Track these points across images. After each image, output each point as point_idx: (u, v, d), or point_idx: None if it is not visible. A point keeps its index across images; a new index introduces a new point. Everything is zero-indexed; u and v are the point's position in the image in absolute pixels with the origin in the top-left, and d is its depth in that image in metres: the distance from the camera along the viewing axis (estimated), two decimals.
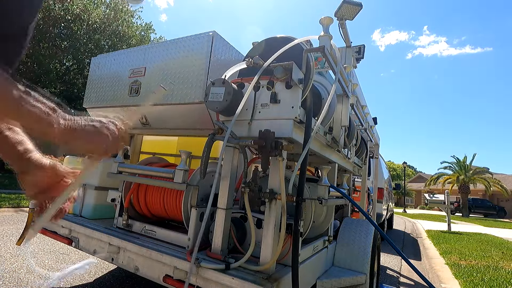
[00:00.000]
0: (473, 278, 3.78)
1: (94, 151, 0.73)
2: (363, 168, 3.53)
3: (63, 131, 0.66)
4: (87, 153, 0.74)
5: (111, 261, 1.74)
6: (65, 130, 0.66)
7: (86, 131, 0.70)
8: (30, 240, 0.78)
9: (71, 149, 0.70)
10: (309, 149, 1.36)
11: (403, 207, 25.72)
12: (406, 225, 11.74)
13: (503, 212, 26.95)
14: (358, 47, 2.60)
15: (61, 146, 0.86)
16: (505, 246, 6.75)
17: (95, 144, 0.72)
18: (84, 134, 0.69)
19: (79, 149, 0.70)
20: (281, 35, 1.65)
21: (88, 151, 0.73)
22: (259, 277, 1.27)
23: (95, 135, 0.71)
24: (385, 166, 8.78)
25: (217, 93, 1.42)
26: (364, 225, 2.33)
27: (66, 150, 0.88)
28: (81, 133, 0.69)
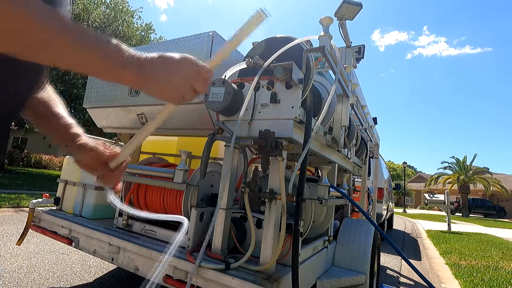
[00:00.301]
0: (473, 278, 3.78)
1: (174, 96, 0.63)
2: (363, 168, 3.53)
3: (137, 72, 0.56)
4: (165, 100, 0.64)
5: (111, 261, 1.74)
6: (139, 71, 0.56)
7: (165, 69, 0.59)
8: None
9: (146, 93, 0.61)
10: (309, 149, 1.36)
11: (403, 207, 25.72)
12: (406, 225, 11.74)
13: (503, 212, 26.95)
14: (358, 47, 2.60)
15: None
16: (505, 246, 6.75)
17: (176, 87, 0.61)
18: (163, 75, 0.59)
19: (155, 95, 0.61)
20: (281, 35, 1.65)
21: (167, 97, 0.63)
22: (259, 277, 1.27)
23: (175, 76, 0.60)
24: (385, 166, 8.78)
25: (217, 93, 1.42)
26: (364, 225, 2.33)
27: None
28: (160, 73, 0.59)
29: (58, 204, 2.39)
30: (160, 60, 0.59)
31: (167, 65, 0.59)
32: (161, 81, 0.59)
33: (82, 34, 0.49)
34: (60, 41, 0.47)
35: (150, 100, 2.02)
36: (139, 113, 2.17)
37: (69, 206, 2.33)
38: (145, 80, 0.58)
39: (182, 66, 0.61)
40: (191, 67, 0.62)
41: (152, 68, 0.58)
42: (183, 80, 0.61)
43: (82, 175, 2.33)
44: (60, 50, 0.47)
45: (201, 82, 0.64)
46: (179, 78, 0.61)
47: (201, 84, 0.64)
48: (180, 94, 0.62)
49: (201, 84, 0.64)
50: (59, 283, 2.51)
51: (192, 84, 0.62)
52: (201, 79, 0.63)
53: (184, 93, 0.62)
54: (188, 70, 0.62)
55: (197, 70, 0.62)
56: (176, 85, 0.61)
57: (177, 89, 0.61)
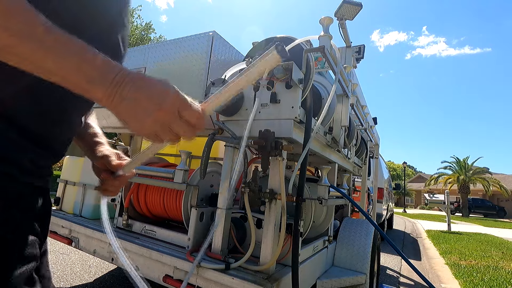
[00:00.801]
0: (473, 278, 3.78)
1: (150, 135, 0.51)
2: (363, 168, 3.53)
3: (107, 92, 0.46)
4: (134, 131, 0.52)
5: (111, 261, 1.74)
6: (111, 91, 0.46)
7: (141, 95, 0.48)
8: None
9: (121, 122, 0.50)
10: (309, 149, 1.36)
11: (403, 207, 25.72)
12: (406, 225, 11.74)
13: (503, 212, 26.94)
14: (358, 47, 2.60)
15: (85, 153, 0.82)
16: (505, 246, 6.75)
17: (155, 124, 0.49)
18: (137, 101, 0.48)
19: (125, 123, 0.50)
20: (281, 35, 1.65)
21: (144, 134, 0.51)
22: (259, 277, 1.27)
23: (150, 107, 0.48)
24: (385, 166, 8.78)
25: None
26: (364, 225, 2.33)
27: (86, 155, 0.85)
28: (133, 97, 0.47)
29: (58, 204, 2.39)
30: (140, 82, 0.48)
31: (146, 91, 0.48)
32: (132, 108, 0.48)
33: (54, 41, 0.42)
34: (25, 46, 0.40)
35: None
36: None
37: (69, 206, 2.33)
38: (117, 102, 0.47)
39: (162, 97, 0.48)
40: (173, 101, 0.49)
41: (127, 90, 0.47)
42: (160, 114, 0.48)
43: (82, 175, 2.33)
44: (25, 54, 0.41)
45: (184, 125, 0.50)
46: (154, 110, 0.48)
47: (183, 127, 0.50)
48: (152, 131, 0.50)
49: (182, 127, 0.50)
50: (59, 283, 2.51)
51: (169, 124, 0.49)
52: (184, 121, 0.50)
53: (159, 131, 0.50)
54: (169, 105, 0.48)
55: (182, 108, 0.50)
56: (149, 118, 0.48)
57: (149, 123, 0.49)
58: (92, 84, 0.45)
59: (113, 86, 0.46)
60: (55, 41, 0.42)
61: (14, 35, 0.40)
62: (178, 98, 0.50)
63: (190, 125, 0.51)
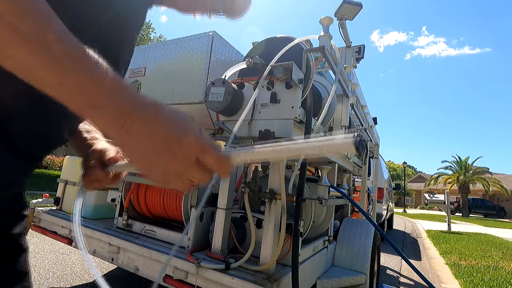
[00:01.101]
0: (473, 278, 3.78)
1: (159, 182, 0.43)
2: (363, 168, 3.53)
3: (117, 121, 0.38)
4: (143, 173, 0.44)
5: (111, 261, 1.74)
6: (120, 120, 0.38)
7: (159, 129, 0.40)
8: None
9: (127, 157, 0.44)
10: None
11: (403, 207, 25.72)
12: (406, 225, 11.74)
13: (503, 212, 26.95)
14: (358, 47, 2.60)
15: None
16: (505, 246, 6.75)
17: (164, 165, 0.41)
18: (152, 136, 0.40)
19: (132, 162, 0.44)
20: (281, 35, 1.65)
21: (152, 179, 0.43)
22: (259, 277, 1.27)
23: (170, 151, 0.40)
24: (385, 166, 8.78)
25: (217, 93, 1.42)
26: (364, 225, 2.33)
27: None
28: (148, 132, 0.39)
29: (58, 204, 2.39)
30: (154, 117, 0.40)
31: (160, 130, 0.40)
32: (140, 148, 0.40)
33: (61, 51, 0.35)
34: (26, 51, 0.33)
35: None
36: None
37: (69, 206, 2.33)
38: (121, 136, 0.40)
39: (179, 142, 0.40)
40: (191, 148, 0.41)
41: (137, 125, 0.39)
42: (173, 164, 0.41)
43: None
44: (24, 61, 0.34)
45: (201, 171, 0.42)
46: (167, 159, 0.41)
47: (200, 173, 0.43)
48: (162, 179, 0.43)
49: (199, 173, 0.43)
50: (59, 283, 2.51)
51: (184, 172, 0.42)
52: (202, 166, 0.42)
53: (171, 179, 0.43)
54: (186, 153, 0.41)
55: (202, 154, 0.42)
56: (160, 165, 0.41)
57: (159, 171, 0.42)
58: (94, 109, 0.38)
59: (118, 117, 0.38)
60: (63, 50, 0.35)
61: (20, 37, 0.33)
62: (198, 143, 0.41)
63: (209, 171, 0.43)
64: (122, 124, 0.39)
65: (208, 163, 0.42)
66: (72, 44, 0.37)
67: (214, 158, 0.42)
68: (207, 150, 0.42)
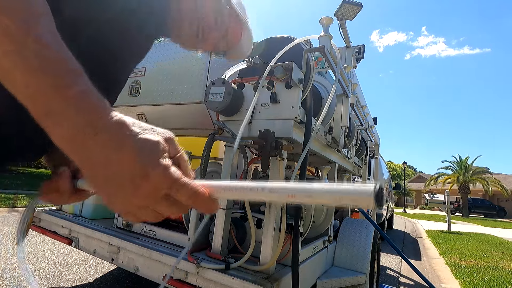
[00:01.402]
0: (473, 278, 3.78)
1: (115, 207, 0.37)
2: (363, 168, 3.53)
3: (72, 134, 0.33)
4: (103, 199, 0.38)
5: (111, 261, 1.74)
6: (77, 135, 0.33)
7: (115, 149, 0.34)
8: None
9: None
10: (309, 149, 1.36)
11: (403, 207, 25.71)
12: (406, 225, 11.74)
13: (503, 212, 26.95)
14: (358, 47, 2.60)
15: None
16: (505, 246, 6.75)
17: (129, 196, 0.35)
18: (111, 156, 0.34)
19: (91, 185, 0.38)
20: (281, 35, 1.65)
21: (104, 197, 0.37)
22: (259, 277, 1.27)
23: (134, 180, 0.34)
24: (385, 166, 8.78)
25: (217, 93, 1.42)
26: (364, 225, 2.33)
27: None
28: (105, 152, 0.34)
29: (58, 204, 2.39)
30: (118, 137, 0.34)
31: (124, 154, 0.34)
32: (98, 174, 0.35)
33: (36, 51, 0.32)
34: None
35: (150, 100, 2.02)
36: (139, 113, 2.17)
37: (69, 206, 2.33)
38: (83, 157, 0.34)
39: (144, 175, 0.34)
40: (158, 184, 0.35)
41: (97, 146, 0.33)
42: (135, 200, 0.35)
43: None
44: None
45: (171, 206, 0.37)
46: (128, 192, 0.35)
47: (170, 208, 0.37)
48: (123, 210, 0.37)
49: (169, 208, 0.37)
50: (59, 283, 2.51)
51: (149, 206, 0.36)
52: (172, 201, 0.36)
53: (134, 212, 0.37)
54: (150, 189, 0.35)
55: (172, 190, 0.35)
56: (120, 198, 0.35)
57: (119, 203, 0.36)
58: (49, 119, 0.33)
59: (76, 135, 0.33)
60: (38, 51, 0.32)
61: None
62: (166, 178, 0.35)
63: (181, 206, 0.37)
64: (79, 143, 0.33)
65: (180, 199, 0.36)
66: (54, 46, 0.34)
67: (188, 194, 0.36)
68: (179, 185, 0.35)
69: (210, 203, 0.37)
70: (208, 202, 0.37)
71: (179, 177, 0.36)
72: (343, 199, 0.33)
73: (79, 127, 0.33)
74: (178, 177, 0.36)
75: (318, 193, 0.34)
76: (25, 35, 0.32)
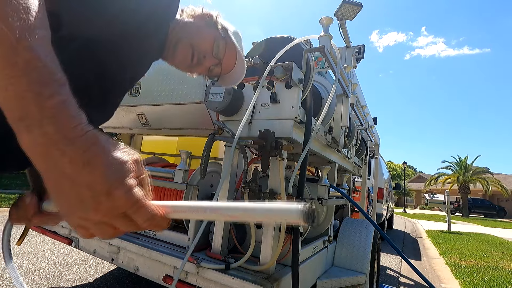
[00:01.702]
0: (473, 278, 3.78)
1: (70, 221, 0.37)
2: (363, 168, 3.53)
3: (43, 142, 0.33)
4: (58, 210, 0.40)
5: (111, 261, 1.74)
6: (49, 143, 0.33)
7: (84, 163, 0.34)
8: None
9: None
10: (309, 149, 1.36)
11: (403, 207, 25.72)
12: (406, 225, 11.74)
13: (503, 212, 26.94)
14: (358, 47, 2.60)
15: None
16: (505, 246, 6.76)
17: (84, 206, 0.35)
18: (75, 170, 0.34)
19: (52, 197, 0.36)
20: (281, 35, 1.65)
21: (62, 210, 0.36)
22: (259, 277, 1.26)
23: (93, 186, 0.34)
24: (385, 166, 8.78)
25: (217, 93, 1.42)
26: (364, 225, 2.33)
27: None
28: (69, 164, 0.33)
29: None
30: (98, 157, 0.35)
31: (99, 170, 0.34)
32: (68, 185, 0.34)
33: (23, 50, 0.32)
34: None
35: (150, 100, 2.02)
36: (139, 113, 2.17)
37: None
38: (50, 167, 0.34)
39: (105, 193, 0.34)
40: (117, 205, 0.35)
41: (70, 160, 0.33)
42: (92, 217, 0.35)
43: None
44: None
45: (128, 224, 0.37)
46: (88, 208, 0.34)
47: (126, 226, 0.38)
48: (78, 225, 0.37)
49: (125, 225, 0.37)
50: (59, 283, 2.51)
51: (106, 223, 0.37)
52: (129, 220, 0.37)
53: (88, 227, 0.37)
54: (108, 208, 0.35)
55: (131, 211, 0.36)
56: (76, 213, 0.35)
57: (75, 218, 0.36)
58: (22, 122, 0.32)
59: (47, 141, 0.33)
60: (27, 59, 0.32)
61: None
62: (128, 199, 0.35)
63: (136, 225, 0.38)
64: (47, 152, 0.33)
65: (137, 220, 0.37)
66: (43, 58, 0.34)
67: (146, 217, 0.37)
68: (137, 208, 0.36)
69: (163, 223, 0.39)
70: (162, 222, 0.39)
71: (139, 198, 0.36)
72: (275, 217, 0.37)
73: (51, 137, 0.33)
74: (139, 198, 0.36)
75: (254, 212, 0.36)
76: (17, 41, 0.32)
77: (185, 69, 0.84)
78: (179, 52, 0.79)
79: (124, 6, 0.57)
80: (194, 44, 0.79)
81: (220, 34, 0.82)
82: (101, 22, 0.55)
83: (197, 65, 0.81)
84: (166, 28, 0.74)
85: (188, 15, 0.82)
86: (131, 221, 0.37)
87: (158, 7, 0.65)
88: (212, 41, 0.81)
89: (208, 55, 0.81)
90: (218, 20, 0.83)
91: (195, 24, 0.81)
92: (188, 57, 0.79)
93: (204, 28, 0.81)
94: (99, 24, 0.55)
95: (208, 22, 0.82)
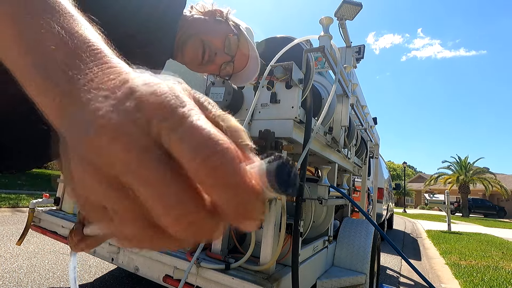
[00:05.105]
0: (473, 278, 3.78)
1: (79, 203, 0.21)
2: (363, 168, 3.53)
3: (60, 107, 0.20)
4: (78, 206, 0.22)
5: (111, 261, 1.74)
6: (65, 107, 0.20)
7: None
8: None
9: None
10: (309, 149, 1.36)
11: (403, 207, 25.73)
12: (406, 225, 11.74)
13: (503, 212, 26.95)
14: (358, 47, 2.60)
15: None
16: (505, 246, 6.75)
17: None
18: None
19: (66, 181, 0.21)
20: (281, 35, 1.65)
21: (80, 204, 0.21)
22: (259, 277, 1.26)
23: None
24: (385, 166, 8.78)
25: (217, 93, 1.42)
26: (364, 225, 2.33)
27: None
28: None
29: (58, 204, 2.39)
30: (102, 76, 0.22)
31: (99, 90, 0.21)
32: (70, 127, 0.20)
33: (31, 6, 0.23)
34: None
35: None
36: None
37: (69, 206, 2.33)
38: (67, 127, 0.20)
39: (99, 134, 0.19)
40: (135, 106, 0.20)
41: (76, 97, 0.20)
42: (94, 142, 0.18)
43: None
44: None
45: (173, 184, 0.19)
46: (85, 131, 0.19)
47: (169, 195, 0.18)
48: (80, 194, 0.20)
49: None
50: (59, 283, 2.51)
51: (122, 175, 0.18)
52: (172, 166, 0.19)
53: (97, 197, 0.19)
54: (116, 120, 0.19)
55: (165, 117, 0.19)
56: (76, 154, 0.19)
57: (77, 173, 0.19)
58: (38, 73, 0.21)
59: (62, 95, 0.20)
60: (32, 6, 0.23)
61: None
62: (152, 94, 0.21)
63: (195, 192, 0.19)
64: (63, 110, 0.20)
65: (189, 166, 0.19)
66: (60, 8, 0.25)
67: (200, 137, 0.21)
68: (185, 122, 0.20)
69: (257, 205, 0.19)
70: (254, 202, 0.19)
71: (184, 99, 0.21)
72: None
73: (63, 94, 0.21)
74: (183, 97, 0.21)
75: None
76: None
77: (196, 68, 0.80)
78: (189, 49, 0.75)
79: (123, 7, 0.55)
80: (205, 40, 0.74)
81: (231, 30, 0.78)
82: (100, 23, 0.54)
83: (208, 63, 0.77)
84: (174, 28, 0.70)
85: (198, 12, 0.78)
86: (182, 179, 0.19)
87: (158, 7, 0.63)
88: (224, 37, 0.76)
89: (219, 52, 0.76)
90: (229, 16, 0.79)
91: (205, 20, 0.77)
92: (199, 54, 0.75)
93: (215, 24, 0.77)
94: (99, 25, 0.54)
95: (218, 18, 0.78)
